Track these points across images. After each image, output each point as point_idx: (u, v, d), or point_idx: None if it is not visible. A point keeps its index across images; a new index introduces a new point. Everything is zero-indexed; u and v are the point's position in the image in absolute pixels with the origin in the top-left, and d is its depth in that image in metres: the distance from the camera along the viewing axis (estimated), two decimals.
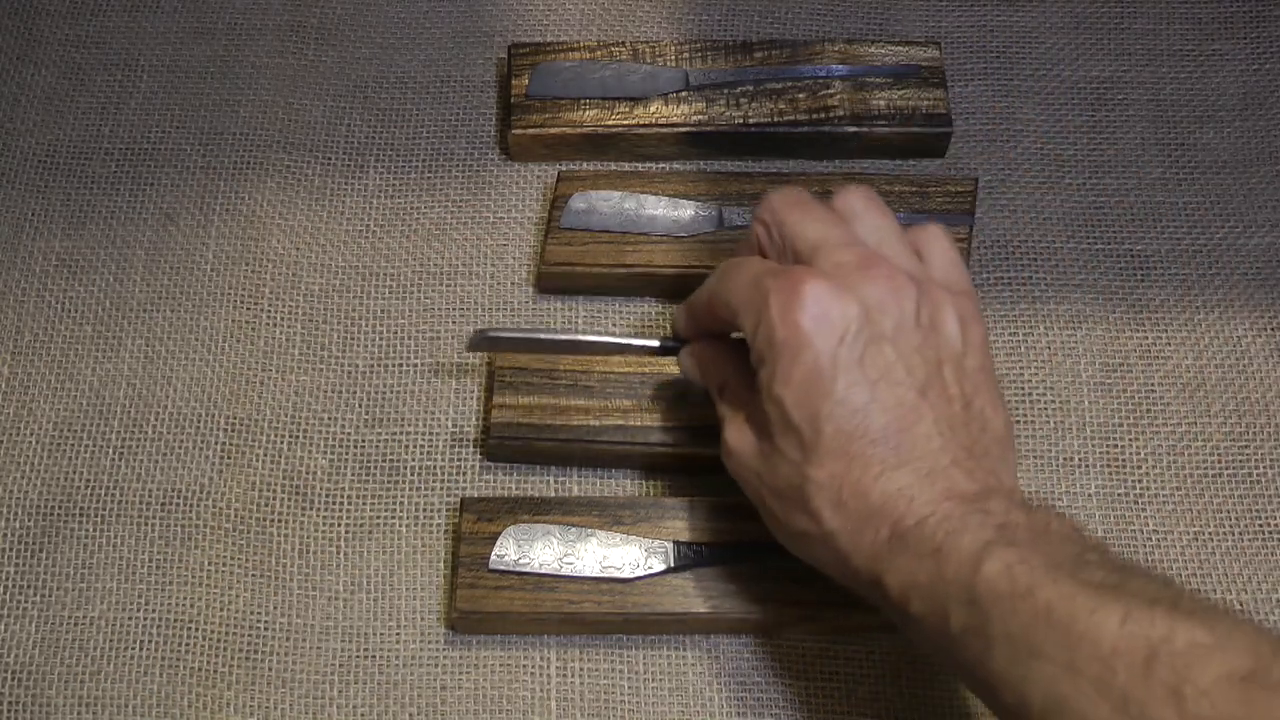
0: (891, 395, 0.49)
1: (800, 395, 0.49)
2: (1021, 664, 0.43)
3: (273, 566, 0.60)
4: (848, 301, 0.49)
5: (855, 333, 0.49)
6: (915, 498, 0.48)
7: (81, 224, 0.68)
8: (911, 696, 0.57)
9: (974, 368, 0.51)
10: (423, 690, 0.57)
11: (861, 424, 0.48)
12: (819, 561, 0.52)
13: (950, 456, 0.49)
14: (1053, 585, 0.43)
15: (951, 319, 0.51)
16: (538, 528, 0.58)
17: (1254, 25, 0.74)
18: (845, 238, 0.52)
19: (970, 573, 0.45)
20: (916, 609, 0.47)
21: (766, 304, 0.50)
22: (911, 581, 0.47)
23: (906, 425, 0.49)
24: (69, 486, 0.61)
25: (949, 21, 0.74)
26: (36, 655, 0.58)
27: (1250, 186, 0.70)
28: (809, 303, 0.49)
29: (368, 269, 0.67)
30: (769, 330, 0.50)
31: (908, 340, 0.50)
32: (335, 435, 0.63)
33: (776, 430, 0.50)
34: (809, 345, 0.49)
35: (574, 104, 0.69)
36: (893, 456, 0.48)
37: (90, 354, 0.64)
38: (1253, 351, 0.65)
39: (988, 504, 0.47)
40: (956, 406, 0.50)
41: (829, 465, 0.49)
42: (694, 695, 0.57)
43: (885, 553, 0.48)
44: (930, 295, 0.51)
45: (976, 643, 0.45)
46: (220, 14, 0.74)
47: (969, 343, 0.51)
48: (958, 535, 0.46)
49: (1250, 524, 0.61)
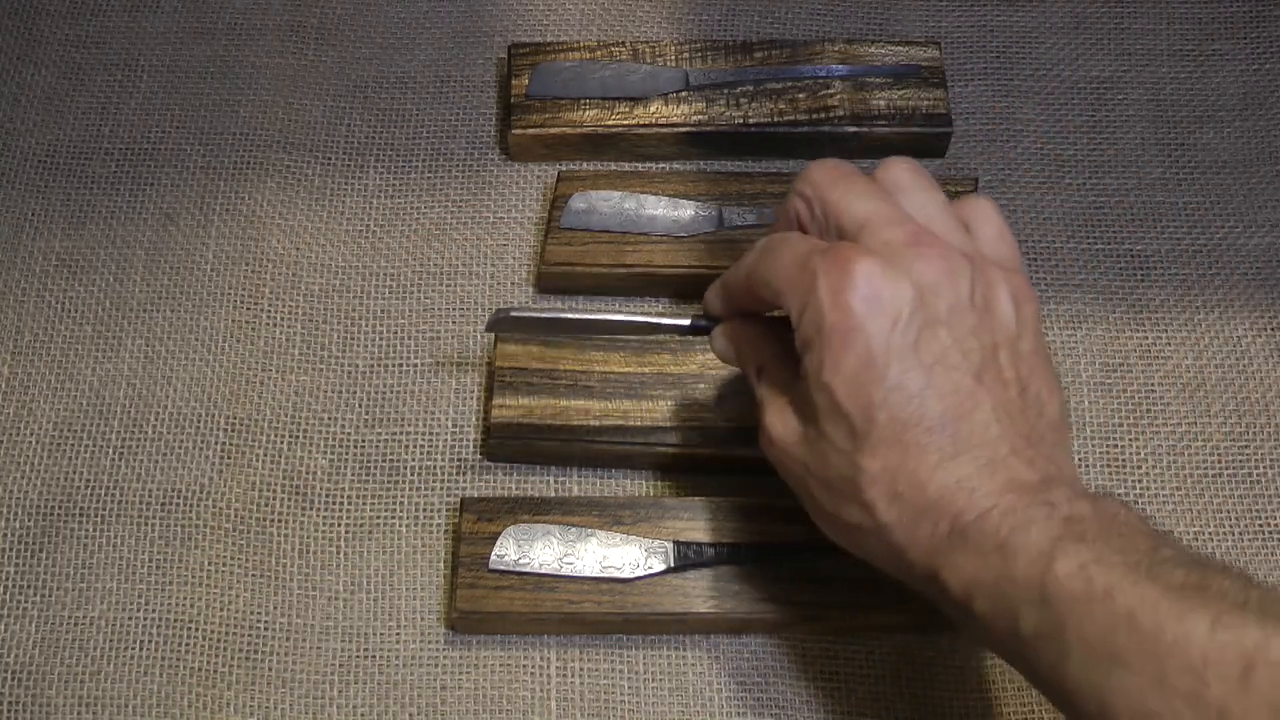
0: (947, 381, 0.47)
1: (852, 382, 0.46)
2: (1102, 672, 0.41)
3: (273, 566, 0.60)
4: (900, 282, 0.47)
5: (909, 315, 0.46)
6: (976, 489, 0.46)
7: (81, 224, 0.68)
8: (911, 696, 0.57)
9: (1029, 350, 0.49)
10: (423, 690, 0.57)
11: (917, 411, 0.46)
12: (870, 555, 0.49)
13: (1009, 445, 0.47)
14: (1133, 588, 0.41)
15: (1005, 299, 0.48)
16: (538, 528, 0.58)
17: (1254, 25, 0.74)
18: (894, 213, 0.49)
19: (1041, 572, 0.43)
20: (981, 608, 0.45)
21: (814, 285, 0.47)
22: (975, 579, 0.45)
23: (964, 412, 0.46)
24: (69, 486, 0.61)
25: (949, 21, 0.74)
26: (36, 655, 0.58)
27: (1250, 186, 0.70)
28: (860, 284, 0.46)
29: (368, 269, 0.67)
30: (817, 313, 0.47)
31: (963, 322, 0.47)
32: (335, 435, 0.63)
33: (825, 418, 0.48)
34: (861, 329, 0.46)
35: (574, 104, 0.69)
36: (950, 445, 0.46)
37: (90, 354, 0.64)
38: (1253, 351, 0.65)
39: (1051, 494, 0.45)
40: (1013, 391, 0.48)
41: (883, 455, 0.46)
42: (694, 695, 0.57)
43: (945, 548, 0.46)
44: (984, 274, 0.48)
45: (1050, 648, 0.43)
46: (220, 14, 0.74)
47: (1023, 323, 0.49)
48: (1024, 530, 0.44)
49: (1250, 524, 0.61)
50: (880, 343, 0.46)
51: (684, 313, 0.58)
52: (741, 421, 0.60)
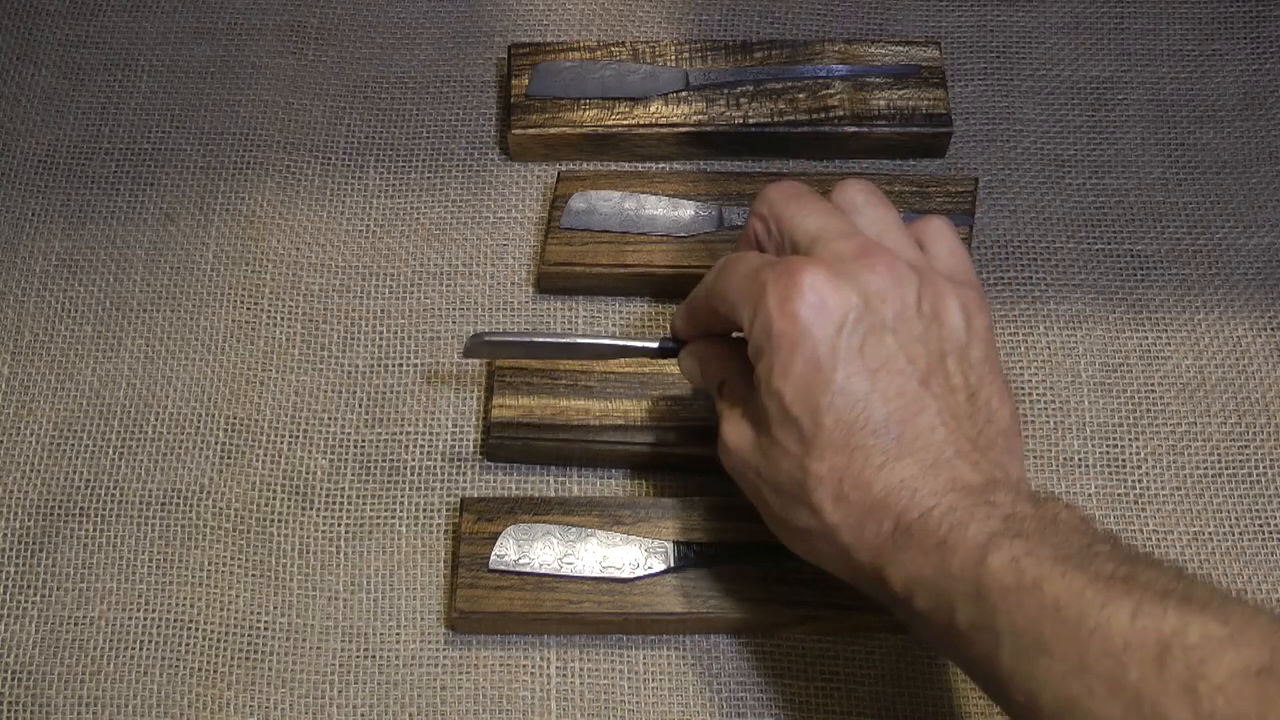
0: (893, 385, 0.48)
1: (799, 386, 0.48)
2: (1030, 661, 0.42)
3: (273, 566, 0.60)
4: (846, 290, 0.48)
5: (855, 321, 0.48)
6: (919, 489, 0.47)
7: (81, 224, 0.68)
8: (911, 696, 0.57)
9: (979, 358, 0.50)
10: (423, 690, 0.57)
11: (862, 414, 0.47)
12: (821, 558, 0.50)
13: (955, 448, 0.48)
14: (1061, 579, 0.42)
15: (955, 309, 0.50)
16: (538, 528, 0.58)
17: (1254, 25, 0.74)
18: (844, 228, 0.51)
19: (976, 565, 0.44)
20: (921, 604, 0.46)
21: (764, 295, 0.49)
22: (916, 576, 0.46)
23: (909, 416, 0.48)
24: (69, 486, 0.61)
25: (949, 21, 0.74)
26: (36, 655, 0.58)
27: (1250, 186, 0.70)
28: (807, 292, 0.48)
29: (368, 269, 0.67)
30: (766, 321, 0.48)
31: (909, 329, 0.49)
32: (335, 435, 0.63)
33: (775, 424, 0.49)
34: (807, 335, 0.48)
35: (574, 104, 0.69)
36: (895, 447, 0.47)
37: (90, 354, 0.64)
38: (1253, 351, 0.65)
39: (994, 495, 0.46)
40: (961, 397, 0.49)
41: (830, 458, 0.48)
42: (694, 695, 0.57)
43: (889, 547, 0.47)
44: (932, 284, 0.50)
45: (984, 639, 0.44)
46: (220, 14, 0.74)
47: (973, 333, 0.50)
48: (963, 527, 0.45)
49: (1250, 524, 0.61)
50: (826, 348, 0.47)
51: (654, 336, 0.59)
52: None
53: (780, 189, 0.53)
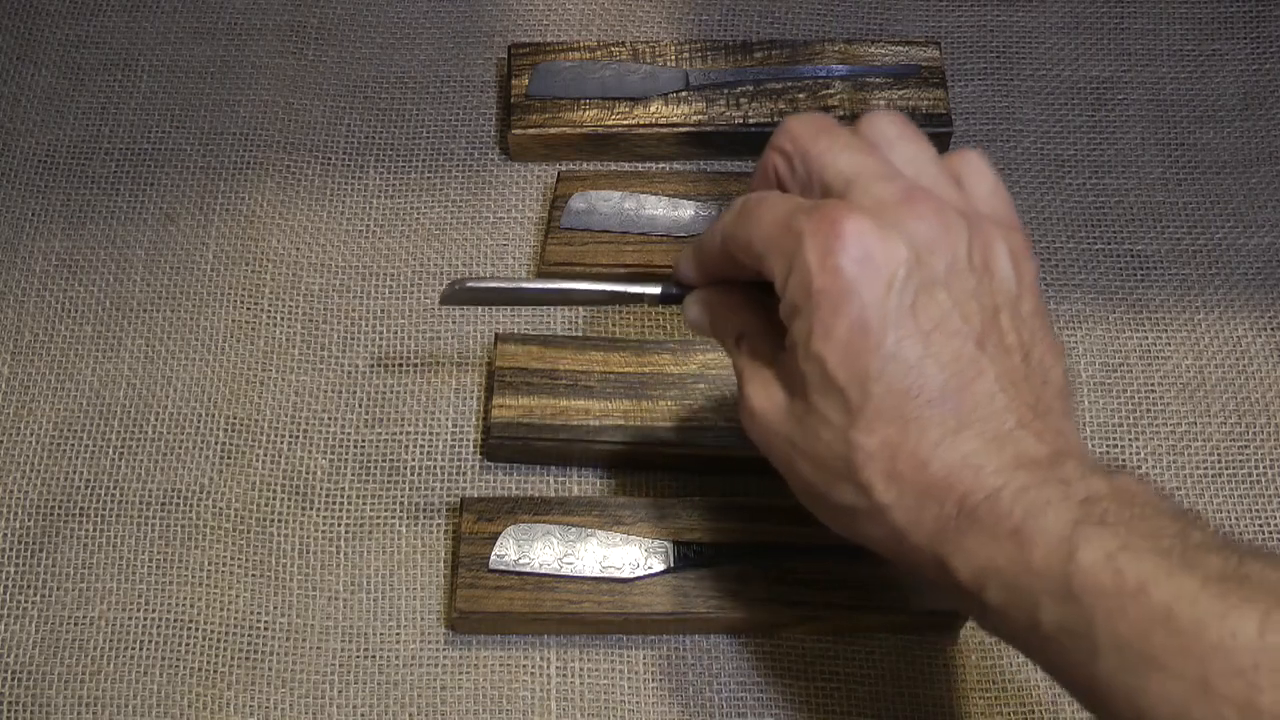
0: (948, 348, 0.43)
1: (844, 352, 0.43)
2: (1139, 675, 0.38)
3: (273, 566, 0.60)
4: (894, 241, 0.43)
5: (905, 277, 0.43)
6: (983, 467, 0.42)
7: (81, 224, 0.68)
8: (911, 696, 0.57)
9: (1030, 312, 0.45)
10: (423, 690, 0.57)
11: (916, 382, 0.43)
12: (866, 538, 0.46)
13: (1016, 416, 0.43)
14: (1168, 580, 0.38)
15: (1005, 257, 0.45)
16: (538, 528, 0.58)
17: (1254, 25, 0.74)
18: (883, 168, 0.45)
19: (1063, 561, 0.40)
20: (995, 598, 0.41)
21: (801, 247, 0.43)
22: (987, 567, 0.41)
23: (966, 382, 0.43)
24: (69, 486, 0.61)
25: (949, 21, 0.74)
26: (36, 655, 0.58)
27: (1250, 186, 0.70)
28: (850, 244, 0.42)
29: (368, 269, 0.67)
30: (805, 277, 0.43)
31: (962, 283, 0.44)
32: (335, 435, 0.63)
33: (815, 391, 0.44)
34: (853, 293, 0.42)
35: (574, 104, 0.69)
36: (953, 419, 0.43)
37: (90, 354, 0.64)
38: (1253, 351, 0.65)
39: (1063, 471, 0.42)
40: (1016, 358, 0.44)
41: (880, 430, 0.43)
42: (694, 695, 0.57)
43: (952, 531, 0.42)
44: (981, 231, 0.45)
45: (1077, 645, 0.39)
46: (220, 14, 0.74)
47: (1024, 284, 0.45)
48: (1039, 513, 0.41)
49: (1250, 524, 0.61)
50: (875, 308, 0.43)
51: (654, 280, 0.53)
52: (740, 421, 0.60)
53: (804, 121, 0.47)
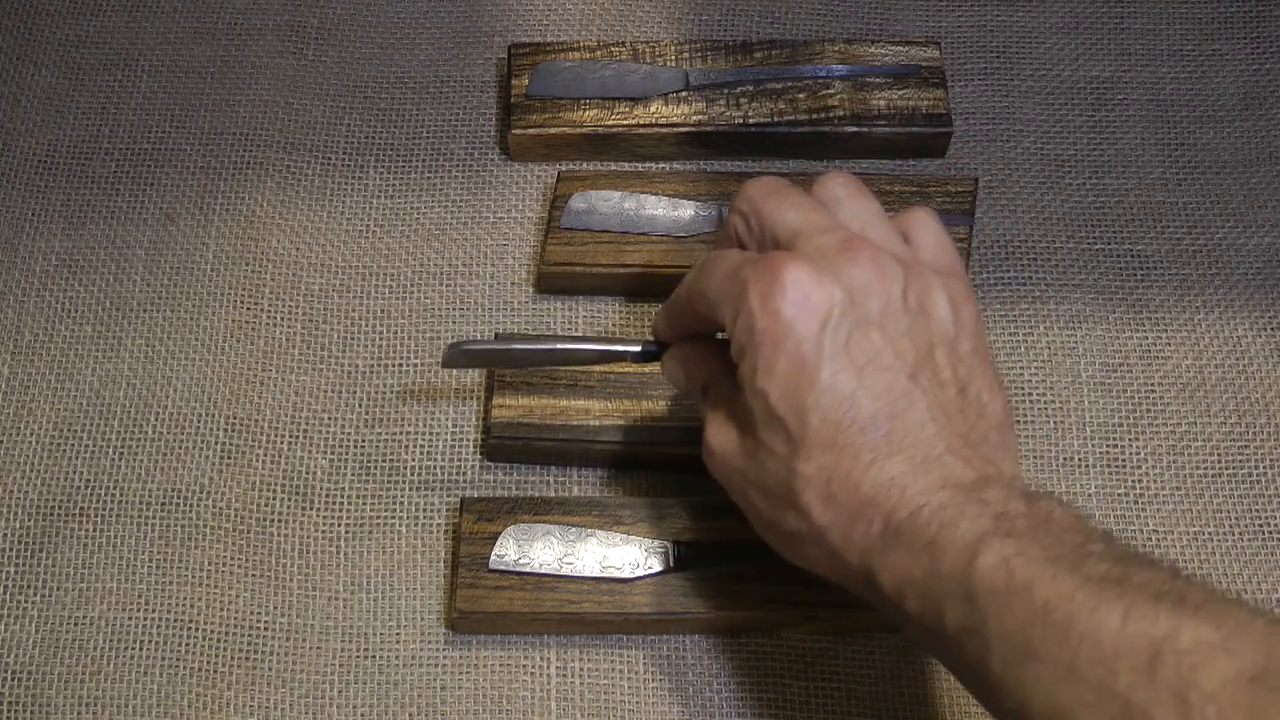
0: (880, 381, 0.46)
1: (784, 385, 0.47)
2: (1019, 667, 0.41)
3: (273, 566, 0.60)
4: (830, 285, 0.47)
5: (839, 317, 0.47)
6: (908, 487, 0.45)
7: (81, 224, 0.68)
8: (911, 696, 0.57)
9: (968, 351, 0.48)
10: (423, 690, 0.57)
11: (850, 412, 0.46)
12: (811, 562, 0.49)
13: (945, 444, 0.46)
14: (1051, 581, 0.41)
15: (942, 301, 0.48)
16: (538, 528, 0.58)
17: (1254, 25, 0.74)
18: (826, 222, 0.49)
19: (965, 566, 0.43)
20: (912, 606, 0.45)
21: (745, 292, 0.47)
22: (906, 577, 0.45)
23: (897, 412, 0.46)
24: (69, 486, 0.61)
25: (949, 21, 0.74)
26: (36, 655, 0.58)
27: (1250, 186, 0.70)
28: (789, 288, 0.46)
29: (368, 269, 0.67)
30: (749, 319, 0.47)
31: (895, 323, 0.47)
32: (335, 435, 0.63)
33: (760, 425, 0.48)
34: (791, 332, 0.46)
35: (574, 104, 0.69)
36: (884, 445, 0.46)
37: (90, 354, 0.64)
38: (1253, 351, 0.65)
39: (985, 493, 0.45)
40: (950, 392, 0.47)
41: (817, 458, 0.46)
42: (694, 695, 0.57)
43: (878, 547, 0.46)
44: (918, 277, 0.48)
45: (974, 643, 0.43)
46: (220, 14, 0.74)
47: (961, 325, 0.49)
48: (953, 526, 0.44)
49: (1250, 524, 0.61)
50: (811, 345, 0.46)
51: (635, 339, 0.58)
52: None
53: (759, 185, 0.52)
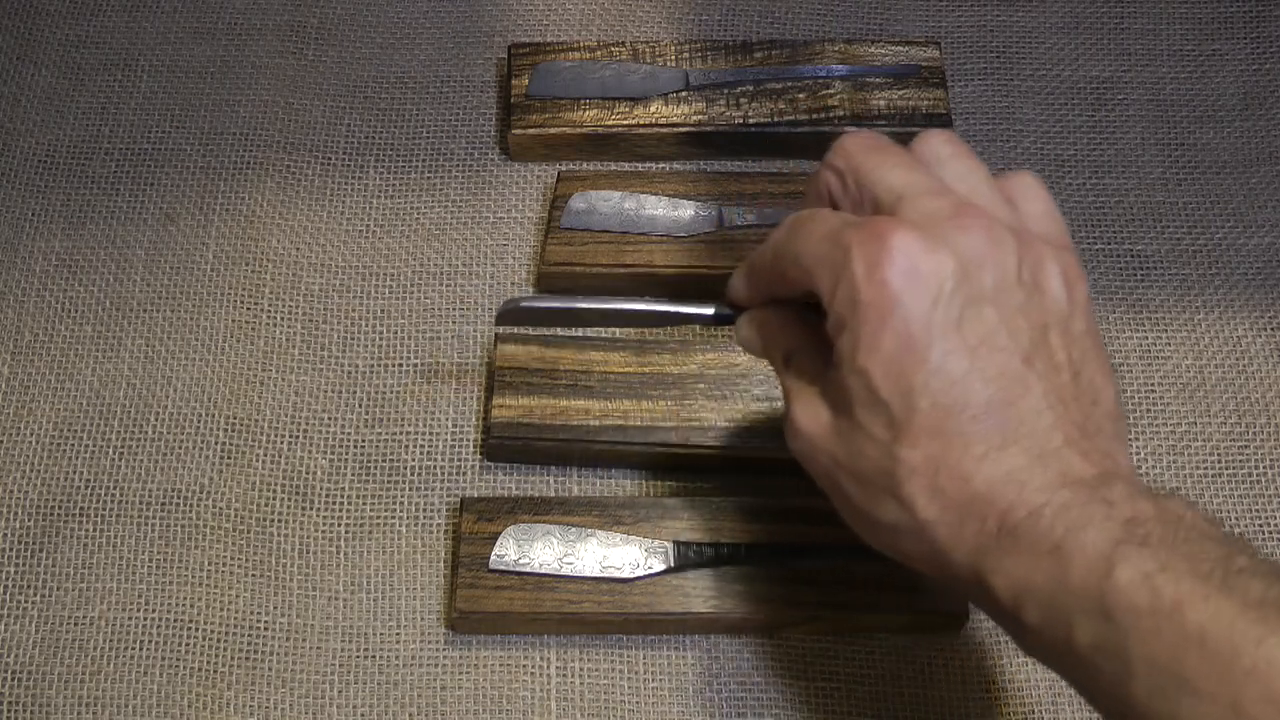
0: (994, 363, 0.43)
1: (889, 365, 0.43)
2: (1171, 700, 0.37)
3: (273, 566, 0.60)
4: (942, 255, 0.43)
5: (951, 291, 0.43)
6: (1026, 483, 0.42)
7: (81, 224, 0.68)
8: (911, 696, 0.57)
9: (1081, 331, 0.45)
10: (423, 690, 0.57)
11: (961, 397, 0.42)
12: (908, 556, 0.45)
13: (1062, 435, 0.43)
14: (1204, 603, 0.37)
15: (1056, 276, 0.44)
16: (538, 528, 0.58)
17: (1254, 25, 0.74)
18: (933, 184, 0.45)
19: (1100, 579, 0.39)
20: (1032, 617, 0.41)
21: (848, 260, 0.43)
22: (1025, 585, 0.41)
23: (1012, 398, 0.42)
24: (69, 486, 0.61)
25: (949, 21, 0.74)
26: (36, 655, 0.58)
27: (1250, 186, 0.70)
28: (898, 257, 0.42)
29: (368, 269, 0.67)
30: (851, 290, 0.43)
31: (1009, 299, 0.43)
32: (335, 435, 0.63)
33: (859, 406, 0.44)
34: (898, 306, 0.42)
35: (574, 104, 0.69)
36: (997, 435, 0.42)
37: (90, 354, 0.64)
38: (1253, 351, 0.65)
39: (1109, 491, 0.41)
40: (1065, 376, 0.44)
41: (924, 445, 0.42)
42: (694, 695, 0.57)
43: (992, 548, 0.42)
44: (1031, 248, 0.44)
45: (1111, 665, 0.39)
46: (220, 14, 0.74)
47: (1075, 303, 0.45)
48: (1079, 531, 0.40)
49: (1250, 524, 0.61)
50: (920, 321, 0.42)
51: (708, 301, 0.53)
52: (740, 420, 0.60)
53: (858, 139, 0.47)
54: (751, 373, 0.61)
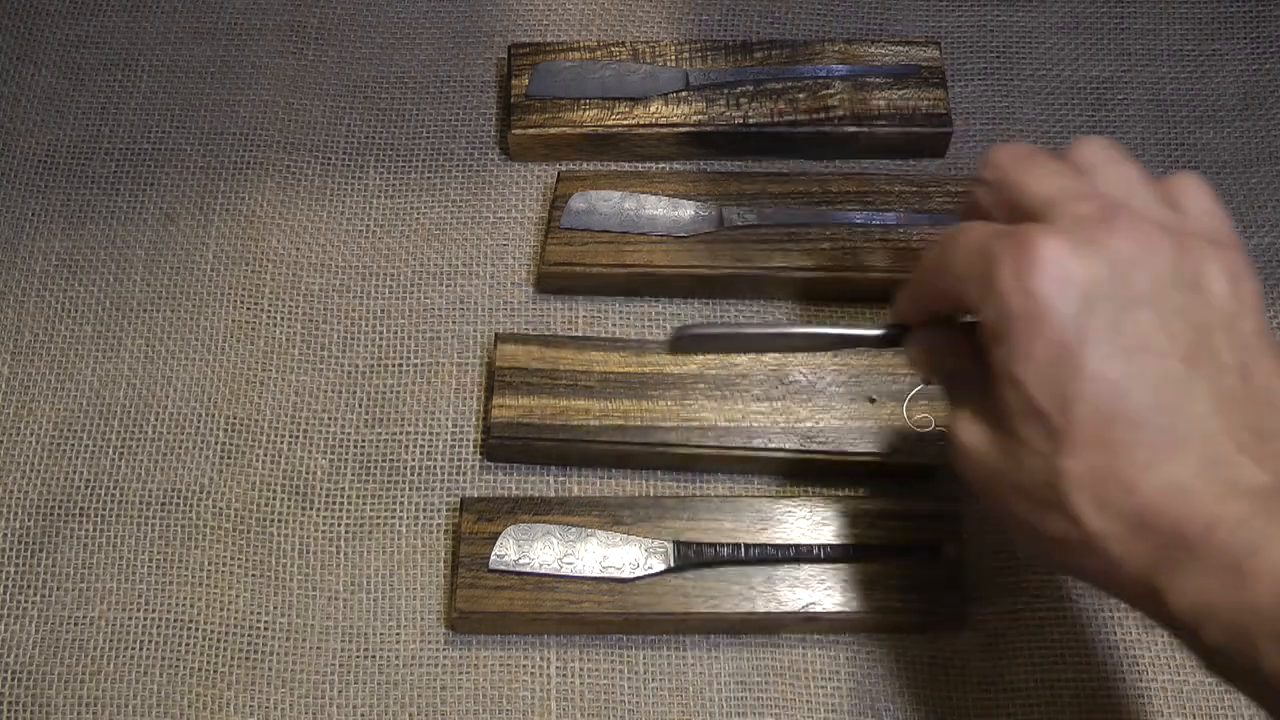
0: (1153, 367, 0.41)
1: (1044, 374, 0.41)
2: None
3: (273, 566, 0.60)
4: (1092, 259, 0.41)
5: (1103, 296, 0.41)
6: (1197, 494, 0.40)
7: (81, 224, 0.68)
8: (912, 697, 0.57)
9: (1250, 331, 0.43)
10: (423, 690, 0.57)
11: (1121, 404, 0.41)
12: (1079, 571, 0.44)
13: (1234, 440, 0.41)
14: None
15: (1218, 274, 0.43)
16: (538, 528, 0.58)
17: (1254, 25, 0.74)
18: (1083, 189, 0.44)
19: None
20: (1213, 637, 0.39)
21: (997, 270, 0.42)
22: (1204, 604, 0.39)
23: (1175, 404, 0.41)
24: (69, 486, 0.61)
25: (949, 21, 0.74)
26: (36, 655, 0.58)
27: (1250, 186, 0.70)
28: (1048, 264, 0.41)
29: (368, 269, 0.67)
30: (1000, 299, 0.42)
31: (1167, 301, 0.42)
32: (335, 435, 0.63)
33: (1018, 418, 0.43)
34: (1049, 313, 0.41)
35: (574, 104, 0.69)
36: (1162, 442, 0.41)
37: (90, 354, 0.64)
38: None
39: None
40: (1233, 378, 0.42)
41: (1087, 455, 0.41)
42: (694, 695, 0.57)
43: (1165, 563, 0.40)
44: (1190, 248, 0.43)
45: None
46: (220, 14, 0.74)
47: (1241, 301, 0.43)
48: (1262, 550, 0.38)
49: None
50: (1073, 328, 0.41)
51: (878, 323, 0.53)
52: (740, 420, 0.60)
53: (1009, 150, 0.47)
54: (752, 373, 0.61)
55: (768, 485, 0.62)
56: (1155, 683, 0.58)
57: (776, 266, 0.64)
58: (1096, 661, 0.58)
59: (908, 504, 0.59)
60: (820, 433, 0.60)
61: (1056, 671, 0.58)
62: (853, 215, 0.65)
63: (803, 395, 0.61)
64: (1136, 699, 0.57)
